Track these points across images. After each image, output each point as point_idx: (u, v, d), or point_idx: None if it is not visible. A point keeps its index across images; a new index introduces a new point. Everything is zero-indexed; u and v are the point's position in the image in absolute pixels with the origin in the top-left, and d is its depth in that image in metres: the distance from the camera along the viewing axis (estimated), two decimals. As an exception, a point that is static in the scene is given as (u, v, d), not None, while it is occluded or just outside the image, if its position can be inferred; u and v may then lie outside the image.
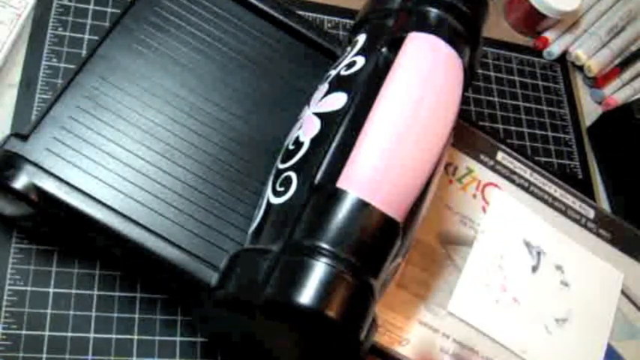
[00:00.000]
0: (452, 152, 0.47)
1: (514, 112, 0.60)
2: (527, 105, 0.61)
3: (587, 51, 0.64)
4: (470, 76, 0.42)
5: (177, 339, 0.43)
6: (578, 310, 0.46)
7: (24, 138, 0.39)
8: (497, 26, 0.64)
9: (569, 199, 0.50)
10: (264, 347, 0.40)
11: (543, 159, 0.59)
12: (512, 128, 0.59)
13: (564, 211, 0.50)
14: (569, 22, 0.64)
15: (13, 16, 0.45)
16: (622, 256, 0.50)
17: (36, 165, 0.38)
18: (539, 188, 0.49)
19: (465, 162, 0.48)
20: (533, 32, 0.64)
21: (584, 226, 0.50)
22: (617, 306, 0.48)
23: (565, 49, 0.64)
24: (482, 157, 0.48)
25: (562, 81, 0.64)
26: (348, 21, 0.57)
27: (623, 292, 0.49)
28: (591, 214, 0.50)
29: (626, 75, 0.64)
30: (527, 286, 0.46)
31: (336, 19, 0.57)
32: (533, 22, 0.63)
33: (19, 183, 0.37)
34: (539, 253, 0.47)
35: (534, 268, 0.47)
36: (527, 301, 0.45)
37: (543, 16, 0.61)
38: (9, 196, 0.38)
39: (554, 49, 0.64)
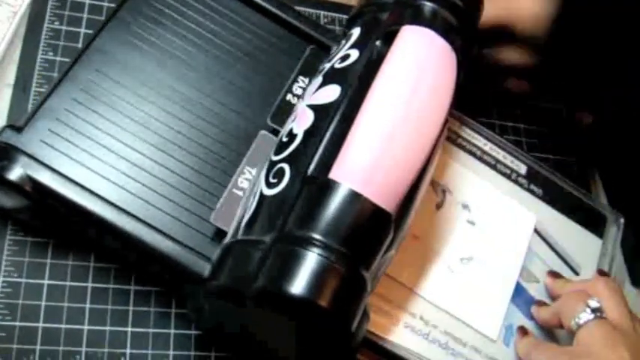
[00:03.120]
0: None
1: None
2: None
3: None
4: (465, 70, 0.42)
5: (172, 331, 0.43)
6: (485, 249, 0.45)
7: (19, 130, 0.39)
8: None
9: (499, 154, 0.49)
10: (258, 339, 0.40)
11: (540, 155, 0.58)
12: (510, 124, 0.59)
13: (494, 165, 0.48)
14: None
15: (9, 13, 0.45)
16: (554, 213, 0.49)
17: (30, 156, 0.38)
18: (467, 141, 0.48)
19: None
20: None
21: (515, 181, 0.48)
22: (542, 259, 0.47)
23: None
24: None
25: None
26: (344, 16, 0.57)
27: (558, 254, 0.48)
28: (523, 169, 0.49)
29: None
30: (429, 224, 0.44)
31: (333, 14, 0.57)
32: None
33: (14, 174, 0.37)
34: (444, 191, 0.46)
35: (438, 206, 0.45)
36: (428, 239, 0.44)
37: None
38: (3, 188, 0.38)
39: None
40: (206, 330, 0.43)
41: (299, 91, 0.43)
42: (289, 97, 0.43)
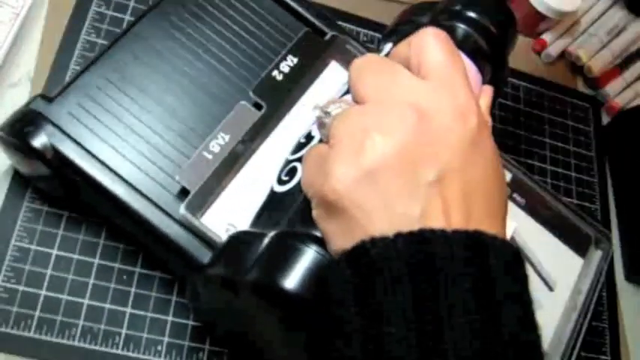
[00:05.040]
0: None
1: (539, 148, 0.60)
2: (554, 143, 0.60)
3: (588, 52, 0.63)
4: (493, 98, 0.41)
5: (169, 318, 0.44)
6: None
7: (50, 100, 0.40)
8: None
9: None
10: (253, 333, 0.40)
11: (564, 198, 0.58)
12: (536, 164, 0.59)
13: None
14: (569, 22, 0.64)
15: (11, 15, 0.46)
16: (535, 225, 0.47)
17: (56, 126, 0.39)
18: None
19: None
20: (533, 33, 0.64)
21: None
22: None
23: (563, 50, 0.64)
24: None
25: (592, 123, 0.63)
26: (383, 36, 0.57)
27: (534, 268, 0.46)
28: (507, 177, 0.48)
29: (627, 76, 0.64)
30: None
31: (372, 33, 0.57)
32: (533, 22, 0.62)
33: (38, 141, 0.39)
34: None
35: None
36: None
37: (543, 17, 0.60)
38: (26, 153, 0.39)
39: (552, 50, 0.63)
40: (203, 322, 0.44)
41: (286, 69, 0.44)
42: (275, 73, 0.44)
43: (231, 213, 0.39)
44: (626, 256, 0.58)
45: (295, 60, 0.45)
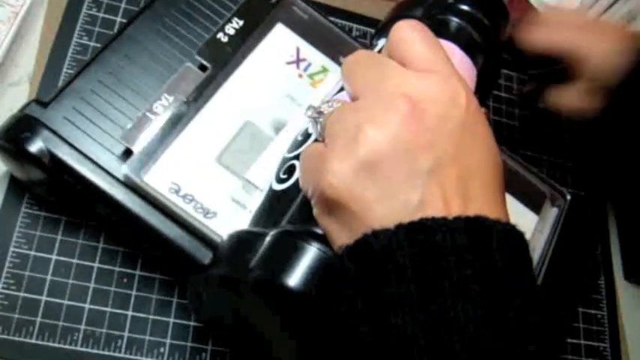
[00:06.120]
0: (307, 50, 0.46)
1: (533, 139, 0.60)
2: (548, 132, 0.61)
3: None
4: (486, 87, 0.42)
5: (171, 320, 0.44)
6: None
7: (44, 105, 0.40)
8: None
9: None
10: (255, 333, 0.40)
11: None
12: (532, 155, 0.59)
13: None
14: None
15: (10, 14, 0.46)
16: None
17: (52, 131, 0.39)
18: None
19: (321, 61, 0.46)
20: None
21: None
22: None
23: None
24: (340, 58, 0.45)
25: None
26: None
27: None
28: None
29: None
30: None
31: (365, 28, 0.57)
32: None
33: (34, 147, 0.38)
34: None
35: None
36: None
37: (543, 17, 0.60)
38: (23, 159, 0.39)
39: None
40: (206, 322, 0.44)
41: (231, 31, 0.44)
42: (220, 35, 0.44)
43: (174, 172, 0.39)
44: (625, 255, 0.58)
45: (241, 22, 0.45)
